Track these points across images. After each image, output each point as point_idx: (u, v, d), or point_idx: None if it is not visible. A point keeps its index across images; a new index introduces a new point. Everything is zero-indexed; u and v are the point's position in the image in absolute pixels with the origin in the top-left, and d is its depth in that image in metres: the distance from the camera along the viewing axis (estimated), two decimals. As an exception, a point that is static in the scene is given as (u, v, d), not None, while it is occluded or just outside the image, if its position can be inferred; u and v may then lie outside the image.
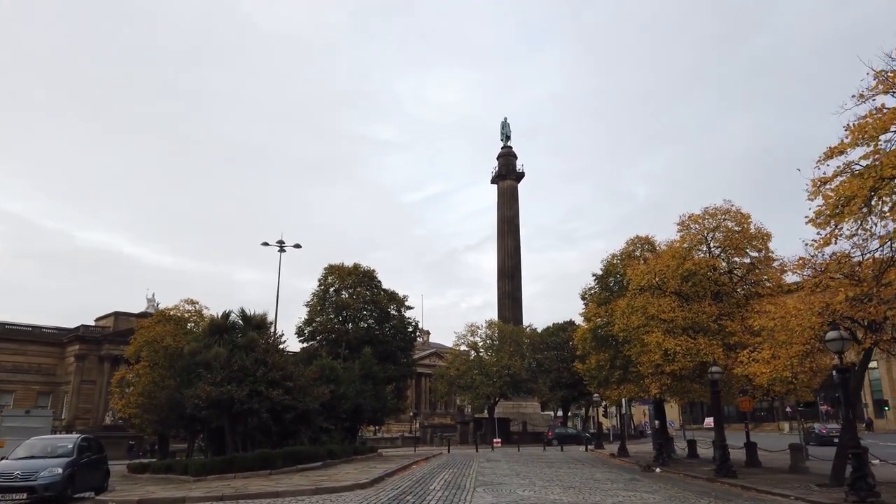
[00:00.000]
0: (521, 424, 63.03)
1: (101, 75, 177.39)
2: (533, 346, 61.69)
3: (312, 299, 38.37)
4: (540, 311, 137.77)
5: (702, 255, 25.22)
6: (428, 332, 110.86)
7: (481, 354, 58.83)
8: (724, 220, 25.10)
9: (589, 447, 43.28)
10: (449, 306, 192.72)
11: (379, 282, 39.56)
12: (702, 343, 22.41)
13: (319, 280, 38.93)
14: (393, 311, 39.29)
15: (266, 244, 37.44)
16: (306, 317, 37.58)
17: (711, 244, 25.39)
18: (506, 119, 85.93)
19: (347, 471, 19.34)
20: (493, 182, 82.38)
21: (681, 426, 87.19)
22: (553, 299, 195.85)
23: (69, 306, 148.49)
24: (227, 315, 21.73)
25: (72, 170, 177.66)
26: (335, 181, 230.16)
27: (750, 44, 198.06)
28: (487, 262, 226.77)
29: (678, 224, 26.11)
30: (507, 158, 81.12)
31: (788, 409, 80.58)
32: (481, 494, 14.15)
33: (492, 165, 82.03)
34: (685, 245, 25.55)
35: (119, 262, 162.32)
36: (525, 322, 69.53)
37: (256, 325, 21.57)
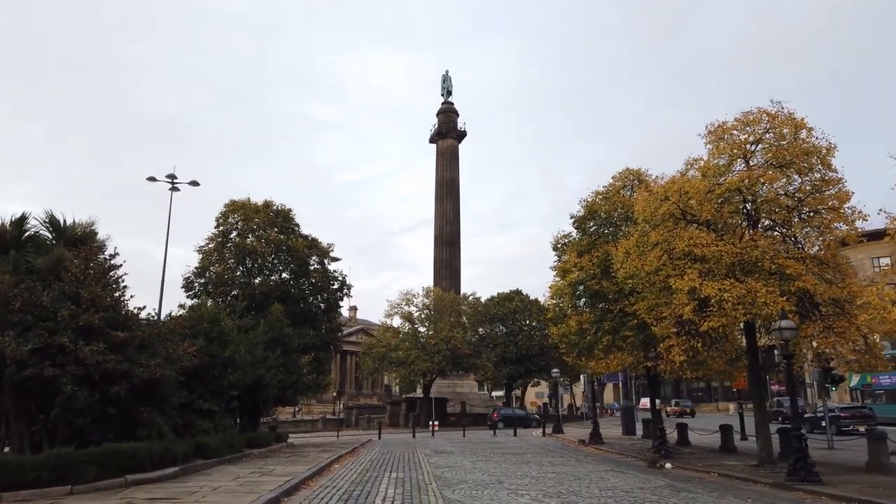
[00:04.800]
0: (459, 405, 56.16)
1: (33, 41, 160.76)
2: (476, 317, 54.68)
3: (207, 244, 29.48)
4: (476, 292, 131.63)
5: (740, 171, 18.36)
6: (355, 308, 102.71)
7: (417, 327, 51.41)
8: (770, 128, 18.24)
9: (546, 432, 36.52)
10: (381, 288, 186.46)
11: (297, 225, 30.99)
12: (758, 289, 15.48)
13: (218, 219, 29.95)
14: (314, 265, 30.97)
15: (153, 179, 28.47)
16: (198, 265, 28.69)
17: (751, 161, 18.48)
18: (447, 73, 77.83)
19: (217, 483, 11.32)
20: (431, 141, 74.56)
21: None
22: (488, 284, 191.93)
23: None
24: (19, 222, 13.02)
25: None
26: (269, 160, 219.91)
27: (679, 44, 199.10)
28: (422, 245, 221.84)
29: (706, 135, 19.09)
30: (447, 115, 73.40)
31: (736, 389, 77.60)
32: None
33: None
34: (717, 161, 18.63)
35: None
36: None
37: (73, 241, 13.04)
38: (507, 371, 52.26)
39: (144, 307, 13.15)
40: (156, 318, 13.77)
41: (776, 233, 18.89)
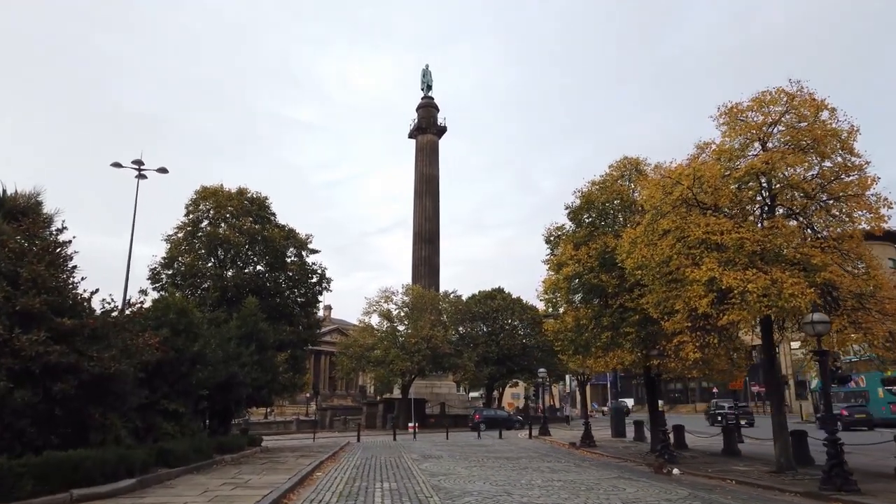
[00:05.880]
0: (438, 406, 54.59)
1: (10, 38, 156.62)
2: (456, 316, 53.11)
3: (176, 233, 27.38)
4: (457, 290, 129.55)
5: (756, 156, 17.09)
6: (330, 307, 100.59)
7: (396, 325, 49.70)
8: (789, 109, 16.99)
9: (532, 434, 35.12)
10: (356, 289, 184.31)
11: (273, 214, 29.01)
12: (784, 279, 14.18)
13: (188, 207, 27.84)
14: (292, 257, 29.08)
15: (118, 165, 26.36)
16: (166, 255, 26.60)
17: (768, 144, 17.21)
18: (427, 67, 76.27)
19: (182, 499, 9.58)
20: (411, 136, 72.89)
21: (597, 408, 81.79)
22: (464, 285, 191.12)
23: None
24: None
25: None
26: (247, 160, 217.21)
27: (671, 47, 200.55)
28: (399, 247, 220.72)
29: (718, 116, 17.79)
30: (427, 110, 71.81)
31: (715, 390, 77.16)
32: None
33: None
34: (732, 143, 17.34)
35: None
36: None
37: (13, 213, 11.04)
38: (489, 371, 50.77)
39: (97, 290, 11.32)
40: (112, 305, 11.93)
41: (792, 222, 17.66)
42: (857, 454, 20.43)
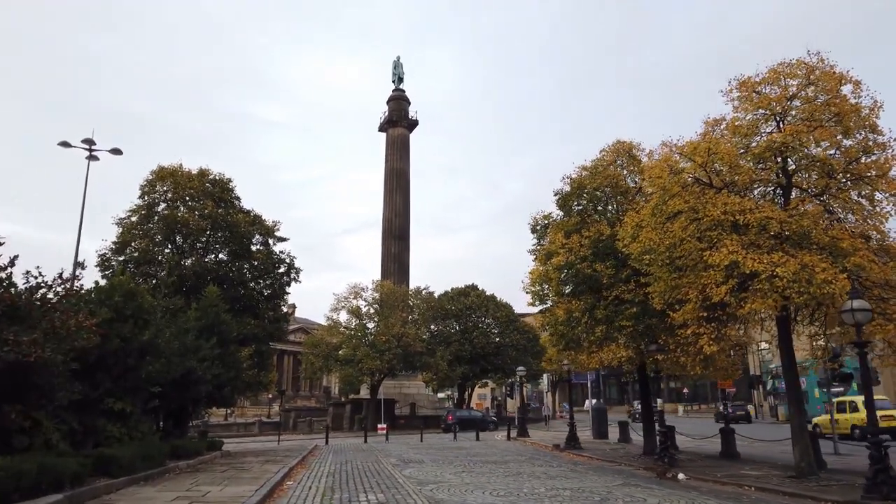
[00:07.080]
0: (408, 407, 52.72)
1: None
2: (428, 313, 51.22)
3: (129, 216, 24.86)
4: (430, 286, 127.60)
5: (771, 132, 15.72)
6: (294, 306, 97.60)
7: (366, 322, 47.61)
8: (809, 82, 15.64)
9: (511, 435, 33.49)
10: (322, 289, 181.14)
11: (237, 198, 26.68)
12: (815, 263, 12.76)
13: (143, 188, 25.32)
14: (257, 245, 26.85)
15: (66, 144, 23.84)
16: (117, 239, 24.09)
17: (786, 119, 15.84)
18: (398, 59, 74.29)
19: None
20: (381, 130, 70.83)
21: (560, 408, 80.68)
22: (433, 286, 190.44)
23: None
24: None
25: None
26: (213, 158, 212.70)
27: (634, 57, 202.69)
28: (365, 248, 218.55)
29: (730, 90, 16.36)
30: (398, 103, 69.91)
31: (686, 390, 76.79)
32: None
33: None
34: (745, 116, 15.93)
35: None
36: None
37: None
38: (462, 370, 48.99)
39: (17, 256, 9.09)
40: (40, 280, 9.72)
41: (809, 206, 16.33)
42: (855, 456, 19.29)
